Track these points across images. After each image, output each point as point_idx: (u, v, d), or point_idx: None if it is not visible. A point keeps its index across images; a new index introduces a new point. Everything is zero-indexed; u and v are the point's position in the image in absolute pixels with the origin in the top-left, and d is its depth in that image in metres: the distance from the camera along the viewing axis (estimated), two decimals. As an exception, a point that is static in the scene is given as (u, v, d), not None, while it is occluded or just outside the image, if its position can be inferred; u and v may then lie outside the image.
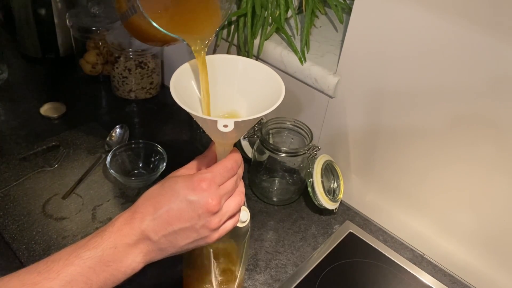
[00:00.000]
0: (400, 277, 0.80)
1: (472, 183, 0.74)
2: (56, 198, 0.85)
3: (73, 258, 0.46)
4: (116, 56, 1.07)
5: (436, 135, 0.74)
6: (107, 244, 0.47)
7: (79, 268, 0.45)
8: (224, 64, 0.54)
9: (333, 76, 0.82)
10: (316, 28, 0.96)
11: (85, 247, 0.47)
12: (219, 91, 0.54)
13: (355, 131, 0.85)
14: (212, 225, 0.50)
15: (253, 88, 0.53)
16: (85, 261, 0.46)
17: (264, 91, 0.52)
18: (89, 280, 0.46)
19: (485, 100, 0.66)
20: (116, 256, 0.47)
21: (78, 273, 0.45)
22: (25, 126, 1.01)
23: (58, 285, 0.44)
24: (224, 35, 0.95)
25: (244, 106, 0.54)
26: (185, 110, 0.47)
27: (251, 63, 0.54)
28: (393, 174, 0.83)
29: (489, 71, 0.64)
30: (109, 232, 0.48)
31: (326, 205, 0.85)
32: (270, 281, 0.77)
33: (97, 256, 0.46)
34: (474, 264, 0.79)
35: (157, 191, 0.50)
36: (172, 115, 1.09)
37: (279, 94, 0.50)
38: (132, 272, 0.49)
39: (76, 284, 0.45)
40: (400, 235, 0.87)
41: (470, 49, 0.65)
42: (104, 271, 0.46)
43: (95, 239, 0.47)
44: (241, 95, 0.54)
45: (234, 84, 0.54)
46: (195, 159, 0.55)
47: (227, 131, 0.45)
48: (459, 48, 0.66)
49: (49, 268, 0.45)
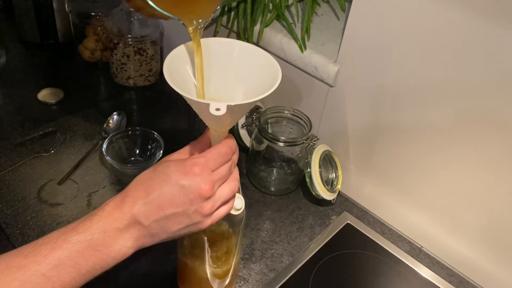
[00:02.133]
0: (397, 269, 0.79)
1: (473, 178, 0.73)
2: (51, 183, 0.85)
3: (61, 242, 0.45)
4: (115, 42, 1.05)
5: (438, 128, 0.73)
6: (97, 228, 0.46)
7: (67, 252, 0.44)
8: (220, 47, 0.53)
9: (333, 64, 0.81)
10: (318, 16, 0.94)
11: (74, 230, 0.46)
12: (214, 75, 0.53)
13: (354, 122, 0.84)
14: (204, 210, 0.49)
15: (250, 72, 0.52)
16: (74, 245, 0.45)
17: (261, 76, 0.51)
18: (77, 265, 0.45)
19: (492, 96, 0.65)
20: (106, 240, 0.46)
21: (66, 257, 0.44)
22: (22, 111, 1.00)
23: (45, 268, 0.43)
24: (224, 21, 0.93)
25: (240, 91, 0.53)
26: (182, 97, 0.45)
27: (247, 47, 0.52)
28: (393, 166, 0.82)
29: (497, 65, 0.63)
30: (99, 216, 0.47)
31: (323, 195, 0.84)
32: (266, 271, 0.76)
33: (86, 240, 0.45)
34: (472, 258, 0.78)
35: (149, 175, 0.49)
36: (170, 103, 1.07)
37: (275, 79, 0.49)
38: (122, 257, 0.48)
39: (64, 268, 0.44)
40: (398, 227, 0.86)
41: (476, 40, 0.63)
42: (93, 255, 0.46)
43: (84, 223, 0.47)
44: (237, 79, 0.53)
45: (230, 68, 0.53)
46: (189, 144, 0.54)
47: (219, 115, 0.43)
48: (465, 38, 0.64)
49: (37, 252, 0.44)
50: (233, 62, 0.52)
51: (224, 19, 0.93)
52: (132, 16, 1.06)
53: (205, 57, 0.51)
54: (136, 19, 1.07)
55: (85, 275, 0.46)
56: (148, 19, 1.09)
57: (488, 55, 0.63)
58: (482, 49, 0.63)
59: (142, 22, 1.08)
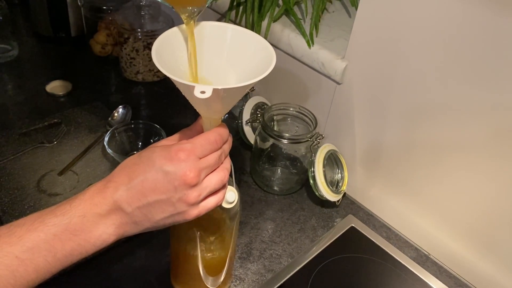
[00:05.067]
0: (402, 276, 0.75)
1: (484, 186, 0.69)
2: (52, 174, 0.84)
3: (37, 224, 0.43)
4: (126, 37, 1.05)
5: (450, 132, 0.69)
6: (76, 212, 0.44)
7: (43, 235, 0.43)
8: (213, 31, 0.51)
9: (341, 60, 0.78)
10: (329, 13, 0.92)
11: (52, 213, 0.44)
12: (207, 60, 0.51)
13: (362, 121, 0.81)
14: (189, 199, 0.46)
15: (243, 57, 0.50)
16: (50, 228, 0.43)
17: (255, 61, 0.49)
18: (53, 248, 0.43)
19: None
20: (85, 225, 0.44)
21: (42, 240, 0.42)
22: (29, 102, 1.00)
23: (18, 250, 0.42)
24: (232, 16, 0.92)
25: (233, 76, 0.51)
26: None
27: (241, 31, 0.50)
28: (401, 169, 0.78)
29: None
30: (79, 200, 0.45)
31: (327, 196, 0.81)
32: (263, 271, 0.73)
33: (63, 223, 0.43)
34: (481, 267, 0.74)
35: (134, 160, 0.48)
36: (178, 100, 1.06)
37: (269, 64, 0.47)
38: (102, 244, 0.46)
39: (39, 251, 0.42)
40: (405, 232, 0.82)
41: (491, 36, 0.60)
42: (71, 240, 0.44)
43: (63, 206, 0.45)
44: (230, 64, 0.51)
45: (223, 52, 0.51)
46: (179, 132, 0.52)
47: (204, 97, 0.41)
48: (478, 33, 0.60)
49: (11, 233, 0.42)
50: (226, 46, 0.50)
51: (232, 14, 0.92)
52: (142, 11, 1.06)
53: (197, 41, 0.49)
54: (147, 14, 1.07)
55: (61, 260, 0.44)
56: (159, 15, 1.08)
57: (498, 46, 0.59)
58: (494, 43, 0.59)
59: (153, 17, 1.07)
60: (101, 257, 0.71)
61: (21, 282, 0.42)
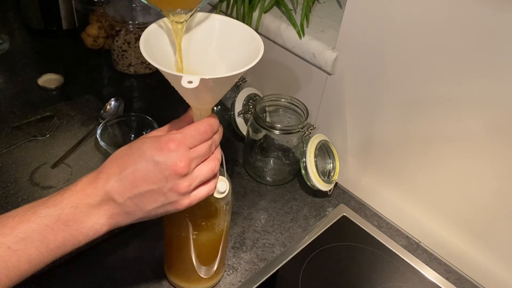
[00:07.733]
0: (393, 264, 0.76)
1: (475, 174, 0.69)
2: (45, 167, 0.84)
3: (29, 215, 0.44)
4: (117, 29, 1.05)
5: (442, 119, 0.70)
6: (68, 203, 0.45)
7: (35, 225, 0.43)
8: (201, 22, 0.51)
9: (331, 51, 0.79)
10: (320, 3, 0.92)
11: (44, 204, 0.45)
12: (197, 52, 0.51)
13: (353, 111, 0.82)
14: (180, 188, 0.47)
15: (232, 47, 0.50)
16: (42, 219, 0.43)
17: (243, 51, 0.49)
18: (46, 239, 0.43)
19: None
20: (77, 216, 0.45)
21: (34, 231, 0.43)
22: (21, 96, 1.00)
23: (11, 241, 0.42)
24: (223, 7, 0.92)
25: (223, 66, 0.51)
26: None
27: (229, 22, 0.51)
28: (394, 159, 0.79)
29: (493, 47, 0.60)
30: (71, 191, 0.46)
31: (319, 186, 0.81)
32: (256, 260, 0.74)
33: (56, 214, 0.44)
34: (471, 255, 0.75)
35: (125, 151, 0.48)
36: (171, 92, 1.05)
37: (257, 54, 0.47)
38: (94, 234, 0.47)
39: (31, 242, 0.43)
40: (396, 221, 0.83)
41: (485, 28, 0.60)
42: (63, 230, 0.44)
43: (55, 197, 0.45)
44: (219, 55, 0.51)
45: (212, 43, 0.51)
46: (169, 123, 0.53)
47: (191, 87, 0.42)
48: (470, 25, 0.61)
49: (3, 224, 0.43)
50: (215, 37, 0.51)
51: (223, 6, 0.92)
52: (134, 3, 1.06)
53: (186, 32, 0.50)
54: (138, 6, 1.06)
55: (54, 250, 0.44)
56: (150, 7, 1.08)
57: (494, 39, 0.60)
58: (490, 35, 0.60)
59: (144, 9, 1.07)
60: (95, 249, 0.72)
61: (14, 272, 0.43)
